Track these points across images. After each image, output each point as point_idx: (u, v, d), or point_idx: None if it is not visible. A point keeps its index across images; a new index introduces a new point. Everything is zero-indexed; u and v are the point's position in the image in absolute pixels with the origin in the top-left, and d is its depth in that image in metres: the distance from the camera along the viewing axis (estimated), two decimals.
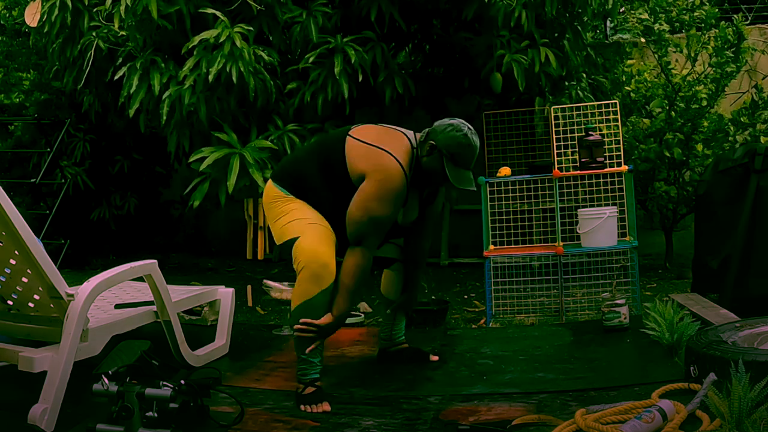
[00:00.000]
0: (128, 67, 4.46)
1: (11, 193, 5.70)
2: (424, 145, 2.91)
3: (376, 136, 2.92)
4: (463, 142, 2.86)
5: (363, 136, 2.92)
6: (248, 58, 4.15)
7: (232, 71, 4.12)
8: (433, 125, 2.93)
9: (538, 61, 4.56)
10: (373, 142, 2.88)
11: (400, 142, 2.91)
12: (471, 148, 2.88)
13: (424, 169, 2.91)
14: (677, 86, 5.15)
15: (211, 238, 6.99)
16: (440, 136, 2.87)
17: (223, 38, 4.11)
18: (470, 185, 2.90)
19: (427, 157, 2.89)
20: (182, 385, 2.41)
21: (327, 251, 2.82)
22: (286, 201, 2.96)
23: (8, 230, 2.45)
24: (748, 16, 6.80)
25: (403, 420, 2.63)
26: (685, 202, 5.35)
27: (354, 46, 4.39)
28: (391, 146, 2.86)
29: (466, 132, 2.88)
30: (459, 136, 2.86)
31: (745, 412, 2.15)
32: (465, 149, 2.87)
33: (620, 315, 3.65)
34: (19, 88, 5.75)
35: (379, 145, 2.86)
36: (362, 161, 2.83)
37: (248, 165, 4.20)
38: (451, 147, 2.85)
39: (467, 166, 2.90)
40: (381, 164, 2.80)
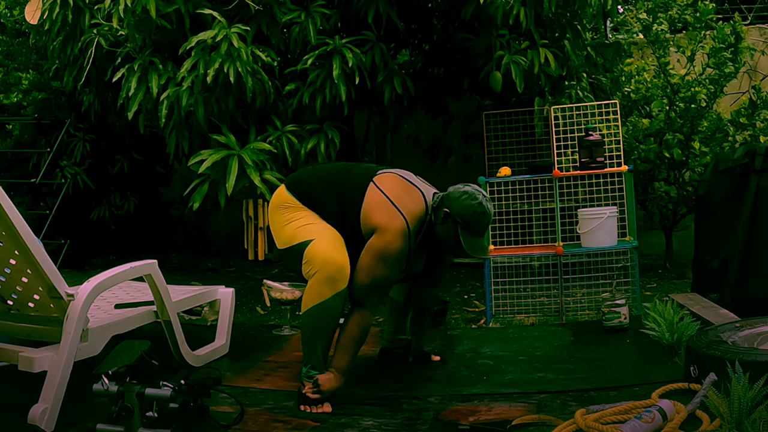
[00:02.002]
0: (126, 69, 4.45)
1: (11, 193, 5.70)
2: (438, 212, 2.90)
3: (396, 190, 2.89)
4: (478, 211, 2.85)
5: (385, 187, 2.89)
6: (246, 58, 4.14)
7: (230, 72, 4.12)
8: (447, 191, 2.92)
9: (537, 62, 4.56)
10: (392, 197, 2.86)
11: (417, 204, 2.89)
12: (486, 216, 2.88)
13: (437, 234, 2.92)
14: (676, 87, 5.15)
15: (211, 238, 7.00)
16: (455, 204, 2.86)
17: (219, 38, 4.10)
18: (483, 253, 2.91)
19: (440, 225, 2.89)
20: (182, 385, 2.41)
21: (342, 254, 2.81)
22: (298, 208, 2.96)
23: (8, 230, 2.45)
24: (748, 16, 6.81)
25: (403, 420, 2.63)
26: (685, 202, 5.35)
27: (352, 47, 4.39)
28: (406, 207, 2.85)
29: (481, 200, 2.87)
30: (474, 205, 2.85)
31: (745, 412, 2.16)
32: (480, 217, 2.86)
33: (620, 315, 3.65)
34: (18, 88, 5.74)
35: (396, 202, 2.84)
36: (376, 214, 2.83)
37: (246, 167, 4.20)
38: (466, 216, 2.84)
39: (481, 234, 2.90)
40: (392, 225, 2.79)
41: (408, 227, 2.81)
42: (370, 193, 2.88)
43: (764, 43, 6.17)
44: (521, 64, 4.51)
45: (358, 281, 2.81)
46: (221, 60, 4.11)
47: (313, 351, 2.81)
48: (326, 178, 3.05)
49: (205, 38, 4.14)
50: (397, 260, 2.81)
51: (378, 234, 2.79)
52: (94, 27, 4.68)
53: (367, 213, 2.85)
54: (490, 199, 2.94)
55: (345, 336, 2.81)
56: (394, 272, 2.84)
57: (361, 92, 4.61)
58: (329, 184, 3.00)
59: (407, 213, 2.83)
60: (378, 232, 2.79)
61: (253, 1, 4.31)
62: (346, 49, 4.36)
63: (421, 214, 2.89)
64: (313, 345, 2.81)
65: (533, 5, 4.43)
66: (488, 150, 4.92)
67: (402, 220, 2.81)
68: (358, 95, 4.60)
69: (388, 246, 2.78)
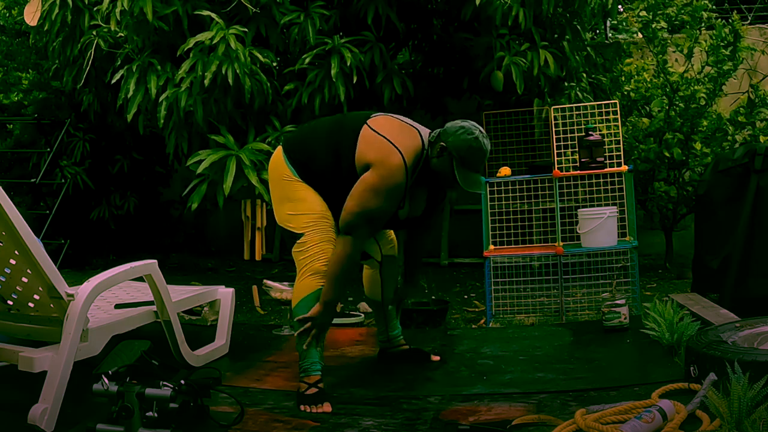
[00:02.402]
0: (125, 70, 4.46)
1: (11, 193, 5.70)
2: (434, 146, 2.90)
3: (390, 129, 2.91)
4: (474, 146, 2.85)
5: (378, 126, 2.91)
6: (243, 59, 4.14)
7: (228, 73, 4.12)
8: (445, 126, 2.93)
9: (537, 64, 4.56)
10: (386, 135, 2.87)
11: (412, 140, 2.90)
12: (481, 151, 2.88)
13: (433, 170, 2.91)
14: (675, 85, 5.15)
15: (211, 238, 7.00)
16: (451, 138, 2.86)
17: (216, 40, 4.10)
18: (479, 188, 2.91)
19: (436, 159, 2.89)
20: (182, 385, 2.40)
21: (329, 248, 2.86)
22: (294, 183, 2.96)
23: (8, 230, 2.45)
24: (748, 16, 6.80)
25: (403, 420, 2.63)
26: (685, 202, 5.35)
27: (350, 47, 4.39)
28: (401, 143, 2.86)
29: (478, 135, 2.87)
30: (470, 140, 2.85)
31: (745, 412, 2.16)
32: (476, 152, 2.86)
33: (620, 315, 3.65)
34: (18, 88, 5.74)
35: (390, 138, 2.86)
36: (370, 151, 2.84)
37: (244, 167, 4.21)
38: (462, 150, 2.85)
39: (477, 169, 2.90)
40: (386, 159, 2.81)
41: (404, 161, 2.81)
42: (364, 134, 2.88)
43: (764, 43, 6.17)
44: (521, 66, 4.51)
45: (347, 209, 2.81)
46: (219, 61, 4.11)
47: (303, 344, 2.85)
48: (321, 128, 3.08)
49: (203, 39, 4.14)
50: (391, 194, 2.81)
51: (373, 168, 2.80)
52: (93, 28, 4.69)
53: (362, 152, 2.85)
54: (487, 135, 2.93)
55: (331, 265, 2.83)
56: (388, 206, 2.83)
57: (361, 92, 4.61)
58: (324, 134, 3.02)
59: (403, 148, 2.84)
60: (373, 167, 2.80)
61: (252, 3, 4.31)
62: (345, 49, 4.37)
63: (417, 150, 2.89)
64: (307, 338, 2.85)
65: (532, 6, 4.43)
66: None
67: (397, 154, 2.81)
68: (358, 95, 4.60)
69: (383, 179, 2.78)
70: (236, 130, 4.51)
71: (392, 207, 2.86)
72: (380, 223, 2.92)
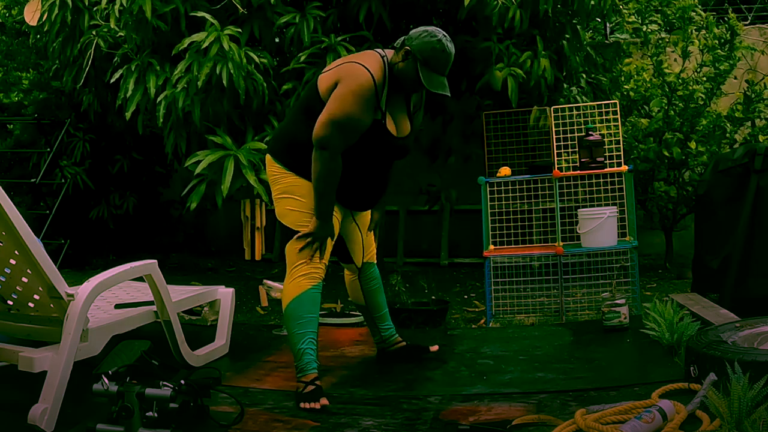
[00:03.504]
0: (124, 69, 4.46)
1: (11, 193, 5.70)
2: (398, 51, 2.95)
3: (342, 59, 3.03)
4: (437, 47, 2.90)
5: (330, 65, 3.01)
6: (238, 59, 4.14)
7: (223, 74, 4.12)
8: (409, 32, 2.97)
9: (536, 74, 4.55)
10: (341, 62, 2.97)
11: (369, 55, 2.97)
12: (445, 53, 2.92)
13: (397, 75, 2.95)
14: (673, 84, 5.15)
15: (211, 238, 7.00)
16: (415, 42, 2.91)
17: (210, 40, 4.10)
18: (444, 89, 2.94)
19: (402, 62, 2.93)
20: (182, 385, 2.41)
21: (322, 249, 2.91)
22: (289, 178, 2.99)
23: (8, 230, 2.45)
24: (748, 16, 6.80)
25: (403, 420, 2.63)
26: (685, 202, 5.35)
27: (347, 45, 4.39)
28: (359, 58, 2.93)
29: (441, 38, 2.92)
30: (433, 42, 2.90)
31: (745, 412, 2.16)
32: (439, 54, 2.90)
33: (620, 315, 3.65)
34: (18, 88, 5.74)
35: (345, 60, 2.96)
36: (330, 77, 2.89)
37: (242, 167, 4.21)
38: (425, 51, 2.89)
39: (441, 71, 2.94)
40: (348, 71, 2.86)
41: (366, 68, 2.85)
42: (321, 77, 2.95)
43: (764, 43, 6.17)
44: (518, 76, 4.50)
45: (318, 122, 2.82)
46: (213, 62, 4.11)
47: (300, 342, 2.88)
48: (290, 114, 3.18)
49: (197, 40, 4.14)
50: (361, 100, 2.82)
51: (340, 83, 2.84)
52: (93, 28, 4.69)
53: (324, 86, 2.89)
54: (451, 39, 2.97)
55: (315, 182, 2.86)
56: (359, 113, 2.83)
57: None
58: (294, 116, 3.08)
59: (363, 61, 2.90)
60: (339, 83, 2.84)
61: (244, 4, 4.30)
62: (341, 47, 4.36)
63: (379, 63, 2.92)
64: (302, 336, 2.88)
65: (530, 6, 4.43)
66: (488, 150, 4.92)
67: (357, 65, 2.87)
68: None
69: (348, 86, 2.81)
70: (235, 131, 4.51)
71: (365, 116, 2.86)
72: (353, 135, 2.88)
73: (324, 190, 2.87)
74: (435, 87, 2.91)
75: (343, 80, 2.84)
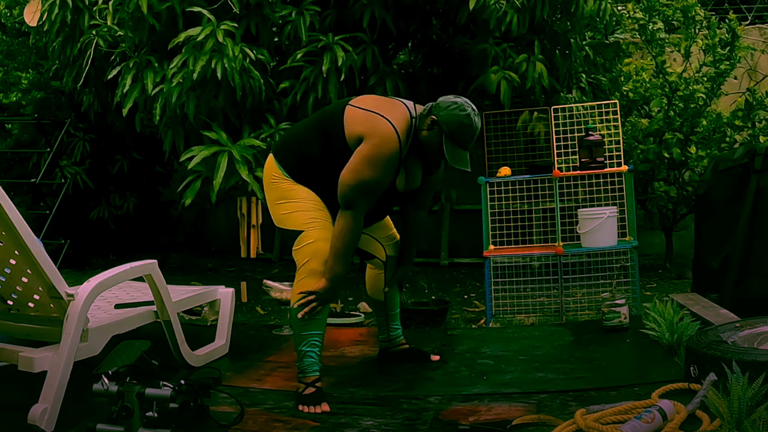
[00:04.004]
0: (122, 67, 4.46)
1: (11, 193, 5.70)
2: (425, 119, 2.91)
3: (375, 103, 2.94)
4: (465, 122, 2.86)
5: (362, 103, 2.93)
6: (232, 55, 4.13)
7: (217, 69, 4.11)
8: (438, 100, 2.93)
9: (531, 77, 4.54)
10: (371, 109, 2.89)
11: (399, 111, 2.91)
12: (472, 128, 2.88)
13: (421, 142, 2.92)
14: (674, 85, 5.15)
15: (211, 237, 7.00)
16: (443, 112, 2.87)
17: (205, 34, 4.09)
18: (466, 166, 2.90)
19: (426, 131, 2.90)
20: (182, 385, 2.40)
21: (327, 245, 2.85)
22: (287, 184, 2.96)
23: (8, 230, 2.45)
24: (748, 16, 6.80)
25: (403, 420, 2.63)
26: (685, 202, 5.35)
27: (344, 45, 4.38)
28: (389, 113, 2.86)
29: (470, 112, 2.87)
30: (462, 116, 2.85)
31: (745, 412, 2.16)
32: (466, 128, 2.87)
33: (620, 315, 3.65)
34: (18, 88, 5.74)
35: (377, 111, 2.87)
36: (359, 125, 2.84)
37: (236, 162, 4.20)
38: (452, 125, 2.85)
39: (465, 146, 2.91)
40: (377, 129, 2.81)
41: (395, 129, 2.81)
42: (349, 113, 2.89)
43: (764, 43, 6.17)
44: (512, 81, 4.50)
45: (343, 182, 2.81)
46: (209, 56, 4.10)
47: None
48: (306, 121, 3.11)
49: (193, 35, 4.14)
50: (387, 163, 2.80)
51: (365, 140, 2.80)
52: (93, 28, 4.69)
53: (351, 128, 2.85)
54: (478, 113, 2.94)
55: (334, 237, 2.83)
56: (384, 176, 2.82)
57: (358, 92, 4.61)
58: (311, 124, 3.04)
59: (392, 118, 2.85)
60: (365, 139, 2.80)
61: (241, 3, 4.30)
62: (338, 47, 4.36)
63: (406, 119, 2.89)
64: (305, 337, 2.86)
65: (527, 10, 4.43)
66: (488, 150, 4.92)
67: (387, 123, 2.82)
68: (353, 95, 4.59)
69: (376, 148, 2.78)
70: (231, 128, 4.50)
71: (388, 177, 2.85)
72: (377, 195, 2.89)
73: (344, 251, 2.83)
74: (456, 162, 2.87)
75: (370, 138, 2.79)
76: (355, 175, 2.79)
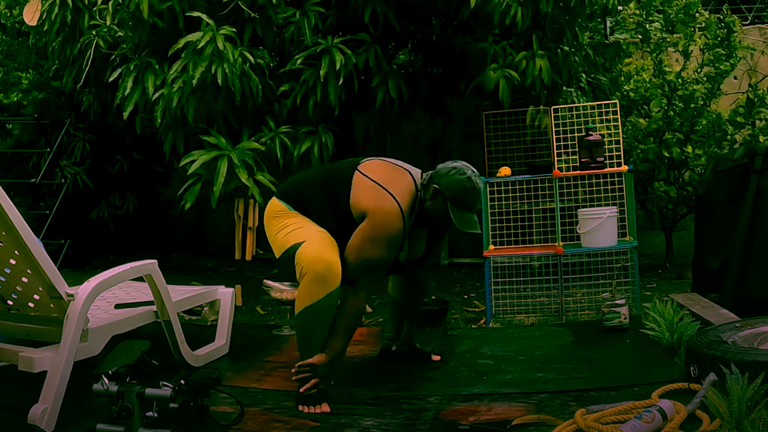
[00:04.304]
0: (123, 69, 4.46)
1: (11, 193, 5.70)
2: (427, 189, 2.92)
3: (382, 174, 2.93)
4: (467, 186, 2.87)
5: (370, 172, 2.93)
6: (233, 60, 4.14)
7: (218, 74, 4.12)
8: (437, 168, 2.94)
9: (531, 74, 4.54)
10: (378, 181, 2.89)
11: (405, 184, 2.92)
12: (475, 190, 2.90)
13: (427, 211, 2.93)
14: (673, 84, 5.15)
15: (211, 237, 7.00)
16: (444, 180, 2.88)
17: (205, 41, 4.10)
18: (475, 228, 2.91)
19: (430, 201, 2.91)
20: (182, 385, 2.41)
21: (331, 253, 2.80)
22: (289, 215, 2.96)
23: (8, 230, 2.45)
24: (748, 16, 6.80)
25: (403, 420, 2.63)
26: (685, 202, 5.35)
27: (343, 48, 4.38)
28: (395, 188, 2.87)
29: (470, 175, 2.89)
30: (462, 180, 2.87)
31: (745, 412, 2.16)
32: (469, 191, 2.88)
33: (620, 315, 3.65)
34: (18, 88, 5.74)
35: (384, 184, 2.87)
36: (365, 198, 2.85)
37: (235, 166, 4.20)
38: (455, 191, 2.87)
39: (471, 209, 2.91)
40: (382, 206, 2.82)
41: (400, 208, 2.82)
42: (357, 181, 2.89)
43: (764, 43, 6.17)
44: (512, 79, 4.49)
45: (349, 262, 2.81)
46: (208, 62, 4.11)
47: (307, 352, 2.81)
48: (313, 178, 3.08)
49: (193, 40, 4.14)
50: (390, 242, 2.82)
51: (369, 217, 2.81)
52: (93, 28, 4.69)
53: (356, 200, 2.86)
54: (479, 174, 2.95)
55: (339, 318, 2.81)
56: (388, 254, 2.83)
57: (359, 93, 4.61)
58: (316, 180, 3.03)
59: (397, 194, 2.85)
60: (369, 216, 2.81)
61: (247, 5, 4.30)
62: (336, 50, 4.35)
63: (411, 194, 2.90)
64: (308, 346, 2.82)
65: (531, 4, 4.43)
66: (488, 150, 4.92)
67: (392, 201, 2.83)
68: (356, 96, 4.59)
69: (380, 227, 2.79)
70: (231, 131, 4.50)
71: (392, 255, 2.86)
72: (382, 272, 2.92)
73: (347, 331, 2.83)
74: (465, 226, 2.88)
75: (374, 215, 2.80)
76: (359, 254, 2.80)
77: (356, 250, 2.80)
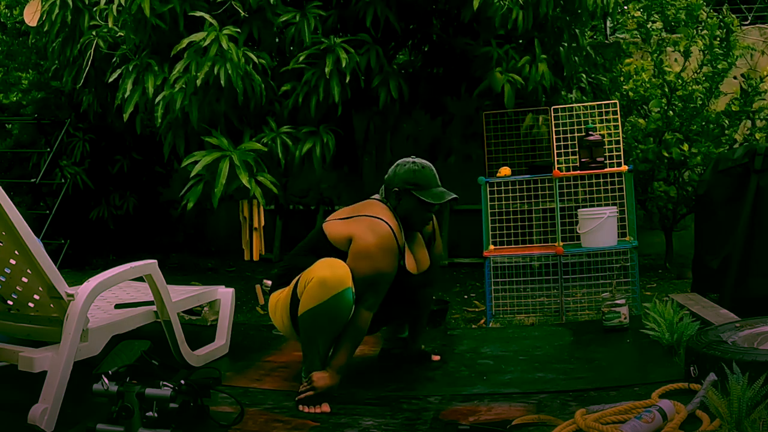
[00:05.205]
0: (123, 69, 4.46)
1: (11, 193, 5.70)
2: (390, 197, 3.00)
3: (348, 211, 3.03)
4: (416, 169, 2.99)
5: (337, 215, 3.02)
6: (236, 60, 4.14)
7: (221, 74, 4.12)
8: (384, 180, 3.04)
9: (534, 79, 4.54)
10: (349, 215, 2.97)
11: (376, 206, 2.99)
12: (426, 169, 3.01)
13: (404, 215, 2.99)
14: (672, 84, 5.15)
15: (211, 238, 7.00)
16: (396, 180, 2.99)
17: (210, 40, 4.10)
18: (449, 195, 2.98)
19: (398, 203, 2.98)
20: (182, 385, 2.41)
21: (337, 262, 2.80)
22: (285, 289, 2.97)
23: (8, 230, 2.45)
24: (748, 16, 6.80)
25: (403, 420, 2.63)
26: (685, 202, 5.35)
27: (347, 47, 4.38)
28: (369, 211, 2.93)
29: (412, 161, 3.02)
30: (409, 168, 2.99)
31: (745, 412, 2.16)
32: (421, 172, 2.99)
33: (620, 315, 3.65)
34: (18, 88, 5.74)
35: (353, 214, 2.95)
36: (345, 229, 2.89)
37: (236, 168, 4.20)
38: (410, 179, 2.97)
39: (434, 184, 3.00)
40: (367, 227, 2.85)
41: (382, 219, 2.86)
42: (328, 227, 2.96)
43: (764, 43, 6.17)
44: (516, 83, 4.50)
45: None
46: (212, 62, 4.11)
47: (311, 353, 2.81)
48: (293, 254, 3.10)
49: (196, 40, 4.14)
50: (390, 254, 2.83)
51: (354, 237, 2.83)
52: (93, 28, 4.69)
53: (337, 236, 2.89)
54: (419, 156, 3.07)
55: (345, 334, 2.81)
56: (385, 266, 2.83)
57: (360, 93, 4.60)
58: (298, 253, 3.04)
59: (374, 213, 2.91)
60: (354, 237, 2.84)
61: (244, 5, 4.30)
62: (340, 49, 4.35)
63: (385, 209, 2.96)
64: (311, 348, 2.82)
65: (531, 7, 4.43)
66: (488, 150, 4.92)
67: (374, 219, 2.87)
68: (357, 96, 4.58)
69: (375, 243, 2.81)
70: (233, 131, 4.50)
71: (389, 267, 2.85)
72: (385, 286, 2.87)
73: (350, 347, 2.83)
74: (439, 198, 2.96)
75: (361, 236, 2.82)
76: (356, 273, 2.78)
77: (357, 271, 2.80)
